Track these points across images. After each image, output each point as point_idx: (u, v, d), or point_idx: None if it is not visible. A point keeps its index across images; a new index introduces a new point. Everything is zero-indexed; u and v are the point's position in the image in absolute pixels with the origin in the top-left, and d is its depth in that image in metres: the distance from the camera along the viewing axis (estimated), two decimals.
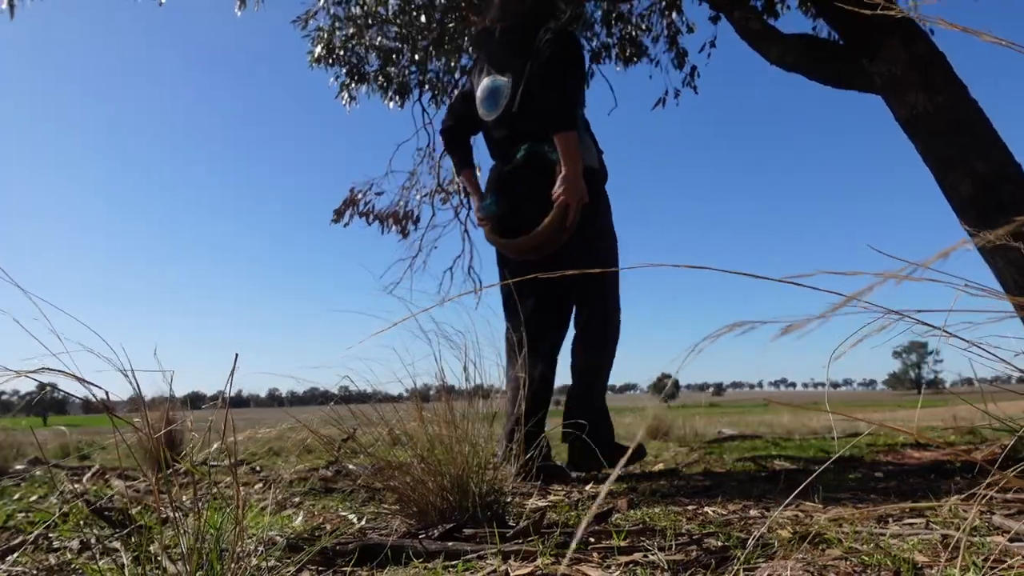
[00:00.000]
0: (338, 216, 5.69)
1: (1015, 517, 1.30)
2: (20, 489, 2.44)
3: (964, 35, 0.59)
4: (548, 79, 2.34)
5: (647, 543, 1.22)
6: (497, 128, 2.55)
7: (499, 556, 1.16)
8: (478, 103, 2.60)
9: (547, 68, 2.35)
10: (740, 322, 0.52)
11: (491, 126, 2.58)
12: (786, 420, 6.24)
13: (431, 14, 5.02)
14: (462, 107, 2.73)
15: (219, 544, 0.96)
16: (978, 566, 0.97)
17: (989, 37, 0.54)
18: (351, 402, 1.54)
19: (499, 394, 1.63)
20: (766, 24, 3.65)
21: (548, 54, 2.36)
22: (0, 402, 13.11)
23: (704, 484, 2.14)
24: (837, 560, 1.08)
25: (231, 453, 1.00)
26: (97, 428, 6.82)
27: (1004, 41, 0.55)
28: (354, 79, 5.30)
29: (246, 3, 4.86)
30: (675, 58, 5.41)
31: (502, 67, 2.53)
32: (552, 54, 2.36)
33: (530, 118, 2.42)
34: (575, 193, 2.26)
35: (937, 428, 3.92)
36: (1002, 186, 2.82)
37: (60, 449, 4.64)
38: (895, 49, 3.06)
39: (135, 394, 0.95)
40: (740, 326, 0.52)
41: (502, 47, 2.55)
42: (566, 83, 2.35)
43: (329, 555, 1.21)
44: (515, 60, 2.48)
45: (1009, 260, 2.76)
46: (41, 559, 1.32)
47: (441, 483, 1.41)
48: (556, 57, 2.36)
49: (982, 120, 2.95)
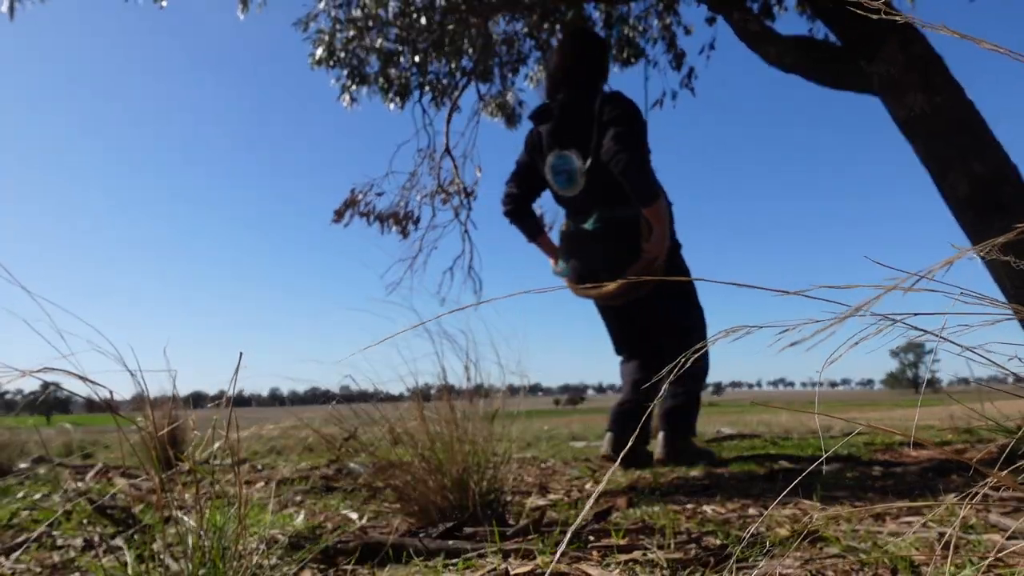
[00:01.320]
0: (339, 216, 5.69)
1: (1011, 515, 1.31)
2: (24, 487, 2.45)
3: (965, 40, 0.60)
4: (622, 155, 2.43)
5: (646, 542, 1.23)
6: (572, 199, 2.69)
7: (499, 554, 1.17)
8: (550, 179, 2.72)
9: (618, 141, 2.45)
10: (738, 326, 0.53)
11: (565, 198, 2.74)
12: (784, 419, 6.25)
13: (431, 16, 5.02)
14: (527, 176, 2.85)
15: (221, 542, 0.96)
16: (975, 564, 0.98)
17: (988, 44, 0.55)
18: (352, 401, 1.55)
19: (499, 393, 1.64)
20: (764, 25, 3.66)
21: (611, 121, 2.49)
22: (4, 401, 13.10)
23: (703, 483, 2.15)
24: (835, 558, 1.09)
25: (233, 452, 1.01)
26: (101, 427, 6.82)
27: (1003, 49, 0.56)
28: (355, 81, 5.30)
29: (248, 6, 4.86)
30: (673, 60, 5.41)
31: (566, 142, 2.64)
32: (615, 120, 2.49)
33: (603, 185, 2.56)
34: (661, 251, 2.52)
35: (934, 427, 3.93)
36: (1000, 187, 2.83)
37: (64, 447, 4.64)
38: (893, 50, 3.07)
39: (138, 393, 0.96)
40: (738, 330, 0.53)
41: (564, 122, 2.66)
42: (639, 153, 2.47)
43: (330, 553, 1.22)
44: (579, 133, 2.60)
45: (1009, 269, 2.78)
46: (45, 557, 1.33)
47: (442, 482, 1.42)
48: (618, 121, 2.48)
49: (979, 121, 2.96)
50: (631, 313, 2.76)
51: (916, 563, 1.04)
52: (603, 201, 2.59)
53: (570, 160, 2.61)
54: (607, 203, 2.58)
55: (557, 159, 2.66)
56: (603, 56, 2.78)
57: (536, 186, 2.85)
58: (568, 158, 2.62)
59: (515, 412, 1.64)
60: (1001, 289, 2.90)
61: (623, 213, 2.55)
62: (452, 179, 5.64)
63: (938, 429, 3.79)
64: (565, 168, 2.63)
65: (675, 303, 2.73)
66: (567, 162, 2.62)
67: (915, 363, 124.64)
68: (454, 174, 5.61)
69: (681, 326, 2.73)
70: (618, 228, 2.56)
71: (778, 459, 2.75)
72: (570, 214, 2.76)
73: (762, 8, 4.64)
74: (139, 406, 0.96)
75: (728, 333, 0.53)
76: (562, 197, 2.76)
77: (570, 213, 2.76)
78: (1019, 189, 2.83)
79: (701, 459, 2.63)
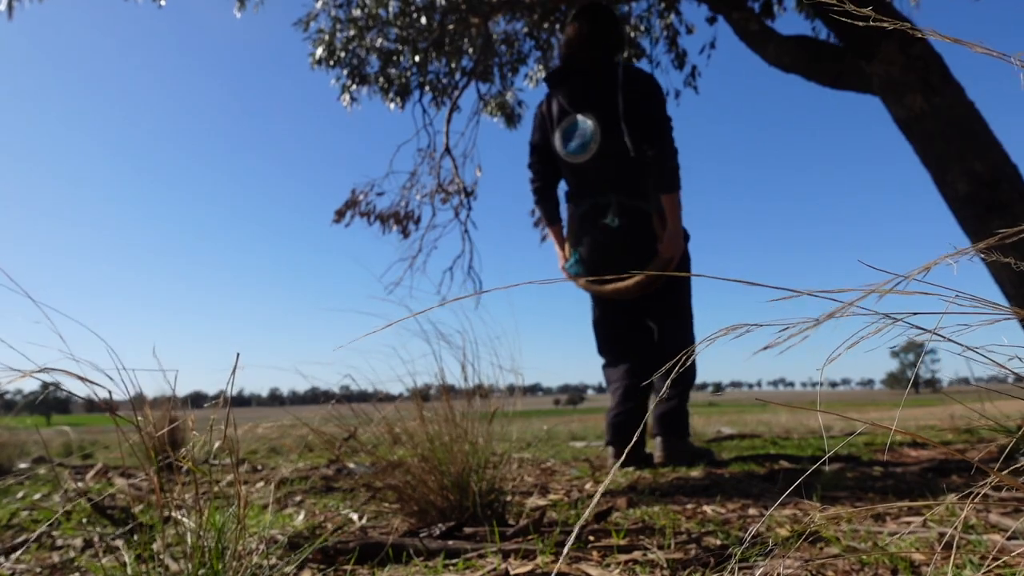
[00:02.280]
0: (339, 216, 5.70)
1: (1012, 515, 1.30)
2: (24, 487, 2.45)
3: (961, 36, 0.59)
4: (651, 134, 2.43)
5: (646, 542, 1.23)
6: (582, 169, 2.60)
7: (499, 554, 1.17)
8: (559, 142, 2.63)
9: (648, 122, 2.44)
10: (737, 325, 0.53)
11: (575, 167, 2.62)
12: (784, 419, 6.25)
13: (431, 16, 5.03)
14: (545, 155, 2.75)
15: (220, 542, 0.96)
16: (975, 564, 0.98)
17: (981, 48, 0.55)
18: (352, 401, 1.55)
19: (498, 393, 1.64)
20: (764, 25, 3.66)
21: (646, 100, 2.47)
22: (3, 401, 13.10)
23: (703, 483, 2.15)
24: (835, 558, 1.09)
25: (233, 451, 1.01)
26: (100, 427, 6.82)
27: (996, 52, 0.56)
28: (355, 80, 5.31)
29: (245, 4, 4.86)
30: (675, 59, 5.41)
31: (583, 106, 2.57)
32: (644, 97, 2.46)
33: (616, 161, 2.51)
34: (676, 249, 2.51)
35: (935, 427, 3.93)
36: (998, 185, 2.83)
37: (63, 448, 4.65)
38: (893, 51, 3.07)
39: (136, 393, 0.96)
40: (737, 329, 0.53)
41: (583, 86, 2.60)
42: (669, 139, 2.46)
43: (330, 553, 1.21)
44: (599, 99, 2.53)
45: (1008, 269, 2.77)
46: (44, 557, 1.33)
47: (441, 482, 1.42)
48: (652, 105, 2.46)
49: (979, 121, 2.97)
50: (637, 309, 2.72)
51: (916, 563, 1.03)
52: (615, 184, 2.53)
53: (585, 124, 2.55)
54: (620, 188, 2.52)
55: (570, 124, 2.59)
56: (621, 27, 2.72)
57: (556, 166, 2.75)
58: (583, 122, 2.55)
59: (514, 412, 1.64)
60: (1001, 289, 2.90)
61: (639, 204, 2.52)
62: (452, 179, 5.65)
63: (938, 429, 3.79)
64: (579, 131, 2.56)
65: (680, 297, 2.72)
66: (582, 125, 2.56)
67: (915, 363, 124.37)
68: (454, 174, 5.62)
69: (683, 321, 2.72)
70: (637, 222, 2.53)
71: (778, 459, 2.75)
72: (577, 193, 2.66)
73: (763, 8, 4.64)
74: (138, 406, 0.96)
75: (728, 331, 0.53)
76: (572, 169, 2.65)
77: (578, 191, 2.66)
78: (1018, 188, 2.83)
79: (701, 459, 2.62)
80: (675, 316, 2.72)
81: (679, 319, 2.73)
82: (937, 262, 0.51)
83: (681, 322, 2.73)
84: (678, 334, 2.68)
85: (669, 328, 2.69)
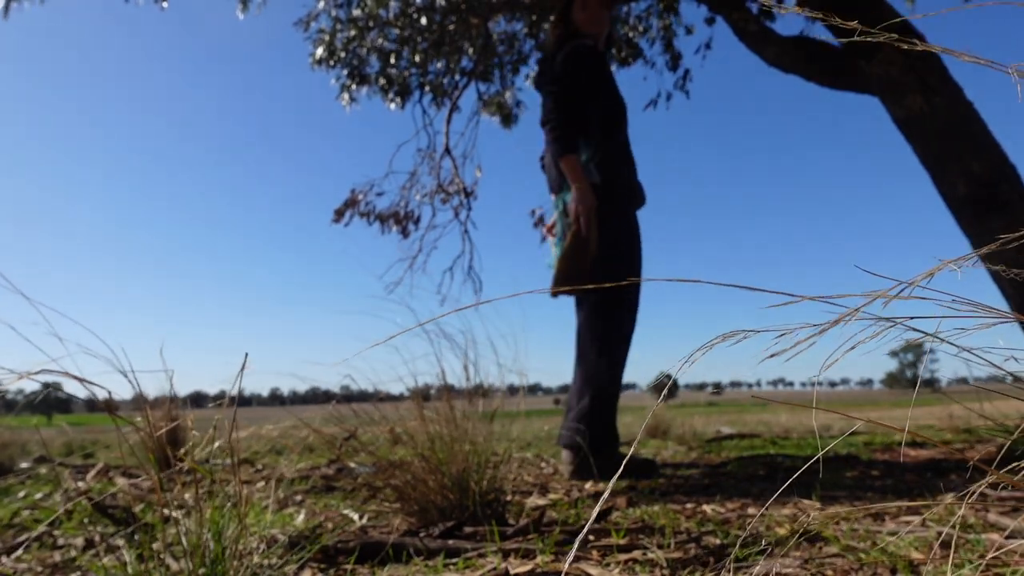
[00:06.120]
0: (339, 216, 5.70)
1: (1010, 515, 1.31)
2: (25, 487, 2.45)
3: (960, 37, 0.60)
4: (547, 105, 2.46)
5: (646, 541, 1.24)
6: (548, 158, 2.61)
7: (499, 554, 1.18)
8: None
9: (548, 95, 2.47)
10: (735, 331, 0.53)
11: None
12: (784, 419, 6.26)
13: (431, 16, 5.03)
14: None
15: (221, 542, 0.97)
16: (973, 563, 0.98)
17: (968, 56, 0.56)
18: (352, 401, 1.56)
19: (498, 393, 1.64)
20: (763, 26, 3.67)
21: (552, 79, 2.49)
22: (5, 401, 13.10)
23: (702, 483, 2.16)
24: (834, 557, 1.09)
25: (234, 451, 1.01)
26: (101, 426, 6.82)
27: (983, 60, 0.56)
28: (355, 80, 5.31)
29: (248, 5, 4.87)
30: (669, 60, 5.41)
31: (539, 88, 2.67)
32: (553, 79, 2.49)
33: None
34: (583, 205, 2.35)
35: (933, 427, 3.93)
36: (997, 186, 2.84)
37: (64, 447, 4.65)
38: (892, 51, 3.07)
39: (138, 393, 0.97)
40: (735, 335, 0.53)
41: (540, 71, 2.74)
42: (554, 107, 2.43)
43: (330, 553, 1.22)
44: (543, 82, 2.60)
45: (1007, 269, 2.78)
46: (46, 556, 1.33)
47: (442, 481, 1.42)
48: (557, 80, 2.47)
49: (978, 121, 2.97)
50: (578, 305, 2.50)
51: (915, 562, 1.04)
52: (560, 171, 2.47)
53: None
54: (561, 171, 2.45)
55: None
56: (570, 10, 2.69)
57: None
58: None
59: (515, 411, 1.65)
60: (1001, 291, 2.90)
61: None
62: (452, 179, 5.65)
63: (937, 428, 3.80)
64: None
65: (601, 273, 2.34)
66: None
67: (914, 363, 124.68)
68: (454, 174, 5.62)
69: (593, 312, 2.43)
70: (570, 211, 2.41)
71: (778, 458, 2.76)
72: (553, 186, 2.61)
73: (762, 8, 4.64)
74: (138, 406, 0.97)
75: (725, 338, 0.53)
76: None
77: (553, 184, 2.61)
78: (1017, 188, 2.83)
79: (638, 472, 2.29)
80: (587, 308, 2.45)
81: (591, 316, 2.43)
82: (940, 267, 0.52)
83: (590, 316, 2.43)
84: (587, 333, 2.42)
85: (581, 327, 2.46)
